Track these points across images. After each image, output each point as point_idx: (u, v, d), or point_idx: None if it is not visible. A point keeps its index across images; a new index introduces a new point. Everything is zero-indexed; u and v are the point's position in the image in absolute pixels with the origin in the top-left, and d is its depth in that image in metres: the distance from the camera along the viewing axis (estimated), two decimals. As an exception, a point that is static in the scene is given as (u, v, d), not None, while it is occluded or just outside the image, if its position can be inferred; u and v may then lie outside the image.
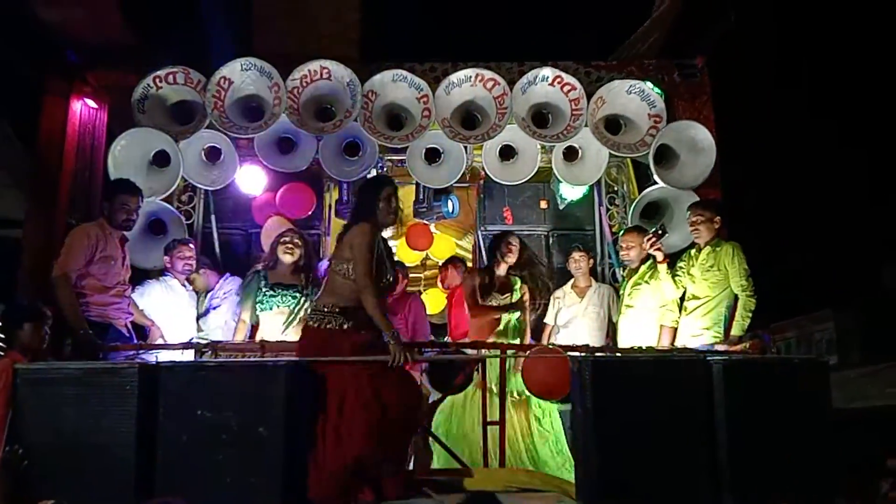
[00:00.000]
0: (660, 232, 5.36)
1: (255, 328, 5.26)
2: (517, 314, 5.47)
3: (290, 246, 5.26)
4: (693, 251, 5.37)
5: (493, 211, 7.14)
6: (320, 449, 3.63)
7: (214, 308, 5.63)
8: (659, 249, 5.31)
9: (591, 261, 5.97)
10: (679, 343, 5.20)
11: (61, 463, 3.37)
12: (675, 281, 5.30)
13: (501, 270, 5.52)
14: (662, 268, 5.30)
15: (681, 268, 5.36)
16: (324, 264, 5.98)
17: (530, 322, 5.65)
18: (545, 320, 5.91)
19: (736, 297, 5.07)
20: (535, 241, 7.13)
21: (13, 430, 3.46)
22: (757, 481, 3.37)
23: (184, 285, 5.50)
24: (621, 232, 5.90)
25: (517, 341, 5.39)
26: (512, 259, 5.50)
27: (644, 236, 5.48)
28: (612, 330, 5.71)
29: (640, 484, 3.34)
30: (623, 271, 5.92)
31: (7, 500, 3.26)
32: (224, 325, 5.55)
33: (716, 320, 5.11)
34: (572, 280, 5.91)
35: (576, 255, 5.85)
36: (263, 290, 5.19)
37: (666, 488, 3.36)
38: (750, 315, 4.99)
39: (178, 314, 5.41)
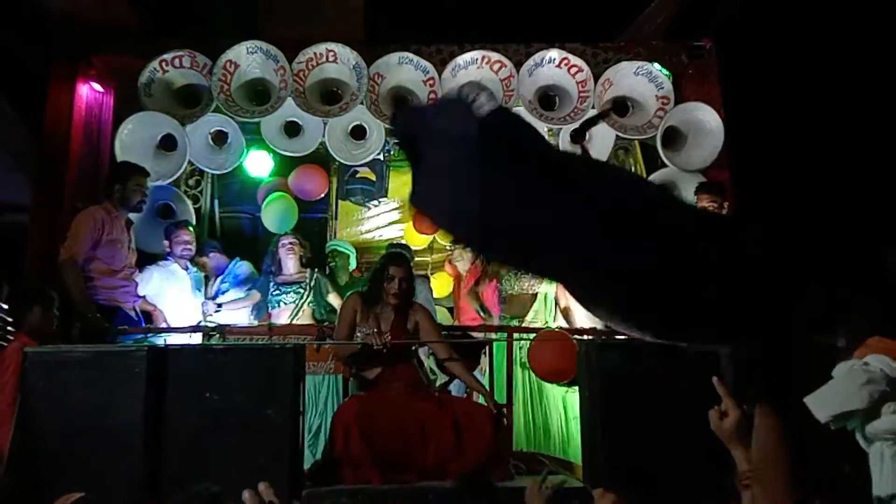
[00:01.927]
0: None
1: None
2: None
3: (289, 247, 5.53)
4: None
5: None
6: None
7: (223, 292, 5.65)
8: None
9: None
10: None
11: (69, 445, 3.38)
12: None
13: None
14: None
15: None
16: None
17: None
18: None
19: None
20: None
21: (22, 413, 3.48)
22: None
23: (185, 269, 5.50)
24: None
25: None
26: None
27: None
28: None
29: (647, 467, 3.34)
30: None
31: (17, 488, 3.27)
32: (232, 308, 5.56)
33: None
34: None
35: None
36: (272, 291, 5.49)
37: (673, 471, 3.36)
38: None
39: (180, 298, 5.41)
